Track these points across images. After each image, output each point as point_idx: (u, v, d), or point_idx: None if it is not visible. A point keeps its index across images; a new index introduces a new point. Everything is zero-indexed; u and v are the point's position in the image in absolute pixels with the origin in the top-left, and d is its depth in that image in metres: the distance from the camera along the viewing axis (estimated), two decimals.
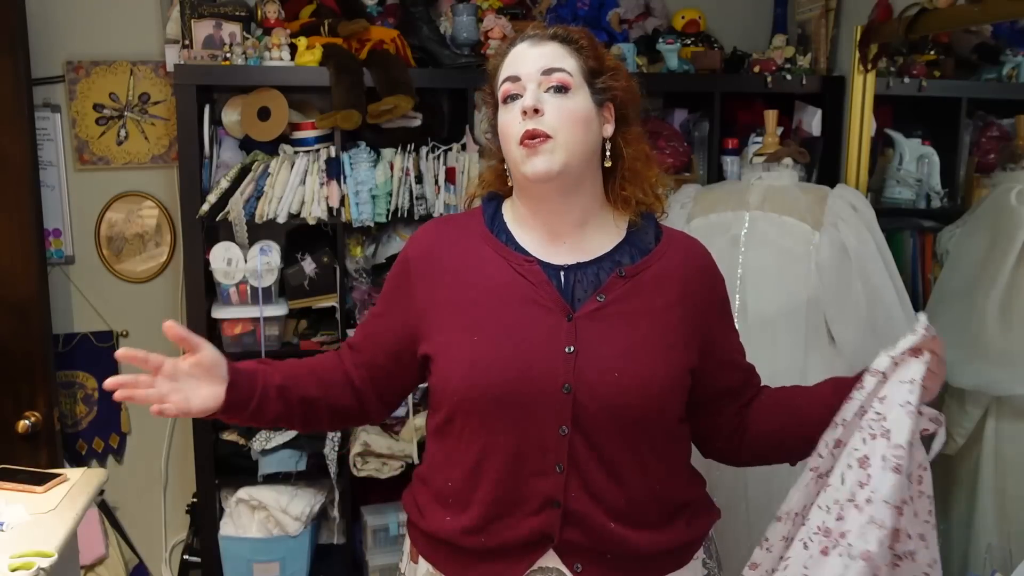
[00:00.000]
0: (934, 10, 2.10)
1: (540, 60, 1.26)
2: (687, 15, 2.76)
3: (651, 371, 1.25)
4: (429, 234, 1.39)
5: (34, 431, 2.33)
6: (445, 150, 2.47)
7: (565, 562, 1.27)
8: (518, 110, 1.25)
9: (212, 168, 2.42)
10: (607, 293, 1.28)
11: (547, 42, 1.28)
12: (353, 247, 2.52)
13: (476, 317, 1.28)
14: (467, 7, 2.50)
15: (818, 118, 2.67)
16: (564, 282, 1.29)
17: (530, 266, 1.29)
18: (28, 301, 2.32)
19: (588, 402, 1.23)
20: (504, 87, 1.28)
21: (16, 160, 2.27)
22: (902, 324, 2.03)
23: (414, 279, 1.34)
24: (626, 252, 1.32)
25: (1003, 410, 2.20)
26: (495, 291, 1.29)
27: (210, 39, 2.34)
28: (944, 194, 2.62)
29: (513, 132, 1.26)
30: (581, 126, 1.26)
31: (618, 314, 1.27)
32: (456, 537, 1.30)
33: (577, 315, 1.26)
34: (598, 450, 1.25)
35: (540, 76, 1.26)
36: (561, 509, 1.25)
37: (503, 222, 1.36)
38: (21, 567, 1.42)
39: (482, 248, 1.33)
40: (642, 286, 1.30)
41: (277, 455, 2.46)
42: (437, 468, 1.35)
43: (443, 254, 1.34)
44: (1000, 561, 2.12)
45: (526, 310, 1.27)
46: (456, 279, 1.31)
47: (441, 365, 1.29)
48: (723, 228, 2.14)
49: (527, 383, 1.23)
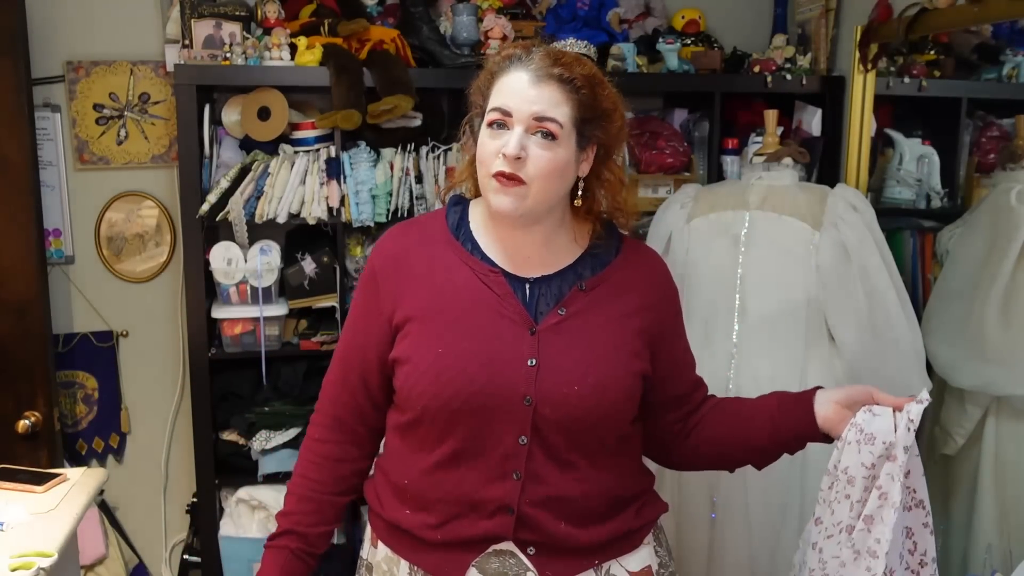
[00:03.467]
0: (934, 10, 2.09)
1: (535, 104, 1.24)
2: (687, 15, 2.76)
3: (609, 381, 1.29)
4: (393, 241, 1.39)
5: (34, 431, 2.34)
6: (445, 150, 2.47)
7: (519, 547, 1.31)
8: (499, 143, 1.25)
9: (212, 168, 2.42)
10: (568, 306, 1.31)
11: (548, 83, 1.24)
12: (353, 247, 2.52)
13: (442, 326, 1.29)
14: (467, 7, 2.50)
15: (818, 118, 2.67)
16: (529, 295, 1.32)
17: (496, 277, 1.31)
18: (28, 301, 2.32)
19: (548, 413, 1.27)
20: (493, 114, 1.27)
21: (16, 160, 2.27)
22: (902, 324, 2.03)
23: (381, 291, 1.35)
24: (588, 264, 1.35)
25: (1003, 410, 2.19)
26: (461, 300, 1.30)
27: (210, 39, 2.34)
28: (944, 194, 2.62)
29: (489, 161, 1.26)
30: (557, 177, 1.27)
31: (578, 327, 1.30)
32: (415, 529, 1.34)
33: (540, 328, 1.29)
34: (555, 457, 1.29)
35: (531, 120, 1.24)
36: (515, 515, 1.29)
37: (468, 229, 1.37)
38: (21, 567, 1.42)
39: (447, 255, 1.34)
40: (602, 297, 1.33)
41: (277, 455, 2.46)
42: (396, 463, 1.38)
43: (408, 260, 1.35)
44: (1000, 561, 2.12)
45: (491, 322, 1.29)
46: (422, 285, 1.32)
47: (407, 371, 1.31)
48: (723, 228, 2.14)
49: (490, 395, 1.26)
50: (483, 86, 1.34)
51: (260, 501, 2.44)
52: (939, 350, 2.21)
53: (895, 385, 2.04)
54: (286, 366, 2.52)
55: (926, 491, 1.30)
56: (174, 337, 2.70)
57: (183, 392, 2.70)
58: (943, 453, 2.31)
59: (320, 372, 2.53)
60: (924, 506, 1.29)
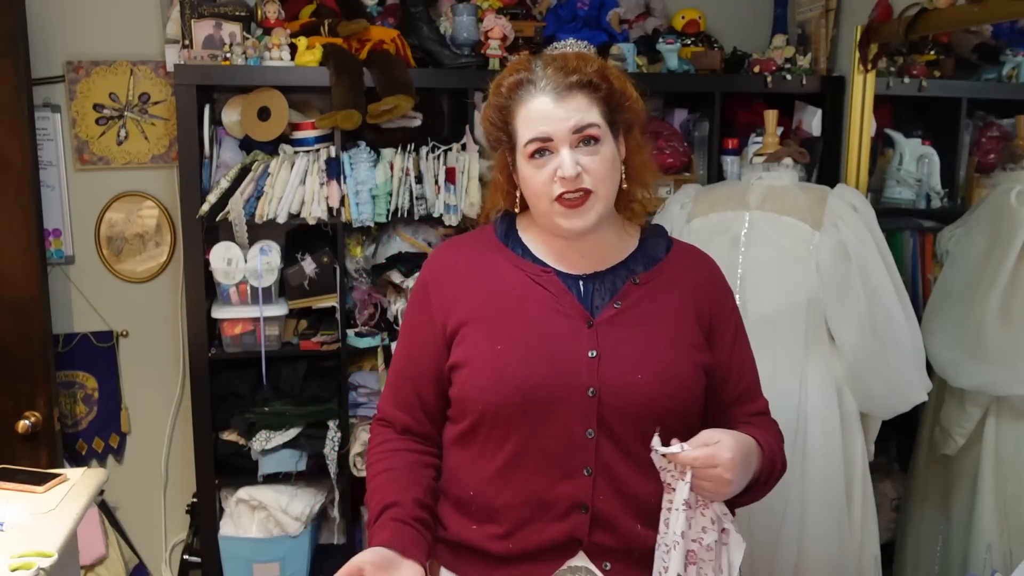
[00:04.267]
0: (934, 10, 2.10)
1: (570, 119, 1.25)
2: (687, 15, 2.76)
3: (671, 369, 1.28)
4: (443, 254, 1.40)
5: (34, 431, 2.34)
6: (445, 150, 2.47)
7: (594, 562, 1.28)
8: (550, 170, 1.25)
9: (212, 168, 2.42)
10: (623, 299, 1.31)
11: (570, 94, 1.25)
12: (353, 247, 2.52)
13: (498, 325, 1.29)
14: (467, 7, 2.50)
15: (818, 118, 2.67)
16: (583, 291, 1.32)
17: (549, 276, 1.32)
18: (28, 301, 2.32)
19: (613, 403, 1.25)
20: (532, 146, 1.26)
21: (16, 160, 2.27)
22: (902, 324, 2.03)
23: (433, 301, 1.35)
24: (639, 261, 1.36)
25: (1003, 410, 2.20)
26: (515, 300, 1.31)
27: (210, 39, 2.34)
28: (944, 194, 2.62)
29: (546, 191, 1.26)
30: (613, 172, 1.29)
31: (635, 319, 1.30)
32: (483, 543, 1.30)
33: (597, 321, 1.29)
34: (624, 451, 1.27)
35: (571, 136, 1.25)
36: (590, 513, 1.26)
37: (517, 235, 1.38)
38: (21, 567, 1.42)
39: (498, 260, 1.35)
40: (656, 291, 1.33)
41: (277, 455, 2.46)
42: (458, 477, 1.34)
43: (459, 269, 1.35)
44: (1000, 561, 2.12)
45: (547, 317, 1.29)
46: (475, 290, 1.33)
47: (466, 374, 1.30)
48: (723, 228, 2.14)
49: (553, 389, 1.25)
50: (497, 120, 1.32)
51: (260, 501, 2.44)
52: (939, 350, 2.21)
53: (895, 385, 2.05)
54: (286, 366, 2.52)
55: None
56: (174, 337, 2.70)
57: (183, 392, 2.70)
58: (943, 453, 2.31)
59: (320, 372, 2.57)
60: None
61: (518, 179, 1.33)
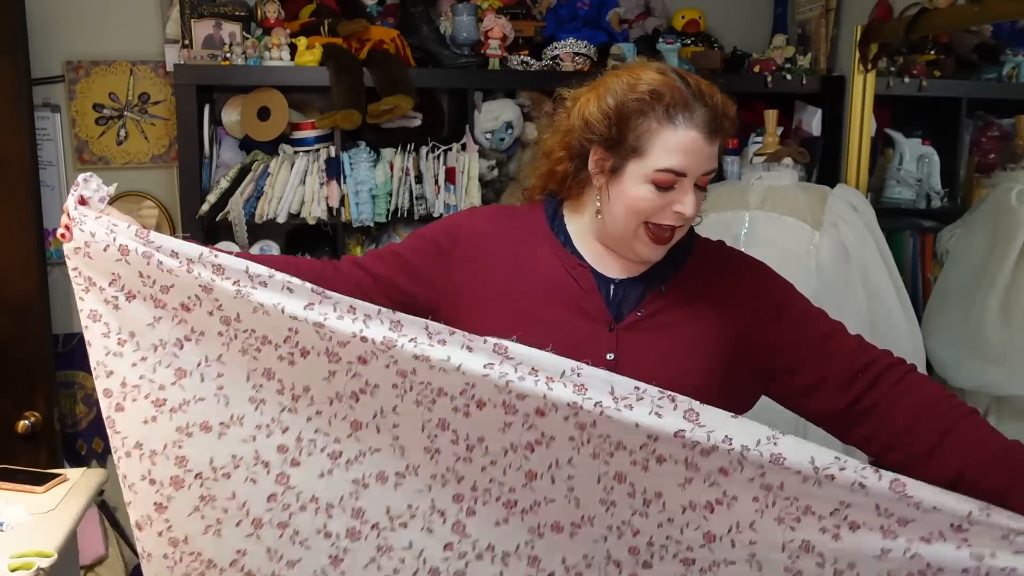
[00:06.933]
0: (934, 10, 2.10)
1: (708, 163, 1.25)
2: (687, 15, 2.76)
3: (687, 377, 1.27)
4: (490, 218, 1.39)
5: (34, 431, 2.33)
6: (445, 150, 2.47)
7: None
8: (667, 201, 1.24)
9: (212, 168, 2.42)
10: (645, 308, 1.31)
11: (716, 138, 1.25)
12: (353, 247, 2.52)
13: (522, 311, 1.29)
14: (467, 7, 2.50)
15: (818, 118, 2.67)
16: (612, 295, 1.32)
17: (583, 272, 1.32)
18: (28, 301, 2.32)
19: None
20: (664, 176, 1.24)
21: (16, 160, 2.27)
22: (902, 324, 2.03)
23: (456, 257, 1.34)
24: (668, 263, 1.34)
25: (1003, 410, 2.20)
26: (544, 289, 1.31)
27: (210, 39, 2.34)
28: (944, 194, 2.62)
29: (650, 214, 1.26)
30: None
31: (656, 326, 1.30)
32: None
33: (619, 327, 1.29)
34: None
35: (701, 177, 1.26)
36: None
37: (563, 222, 1.37)
38: (21, 567, 1.42)
39: (540, 245, 1.34)
40: (680, 299, 1.32)
41: None
42: None
43: (497, 242, 1.35)
44: None
45: (570, 314, 1.29)
46: (506, 268, 1.32)
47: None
48: (723, 228, 2.14)
49: None
50: (615, 118, 1.26)
51: None
52: (939, 350, 2.21)
53: None
54: None
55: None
56: None
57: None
58: None
59: None
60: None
61: (605, 181, 1.29)
